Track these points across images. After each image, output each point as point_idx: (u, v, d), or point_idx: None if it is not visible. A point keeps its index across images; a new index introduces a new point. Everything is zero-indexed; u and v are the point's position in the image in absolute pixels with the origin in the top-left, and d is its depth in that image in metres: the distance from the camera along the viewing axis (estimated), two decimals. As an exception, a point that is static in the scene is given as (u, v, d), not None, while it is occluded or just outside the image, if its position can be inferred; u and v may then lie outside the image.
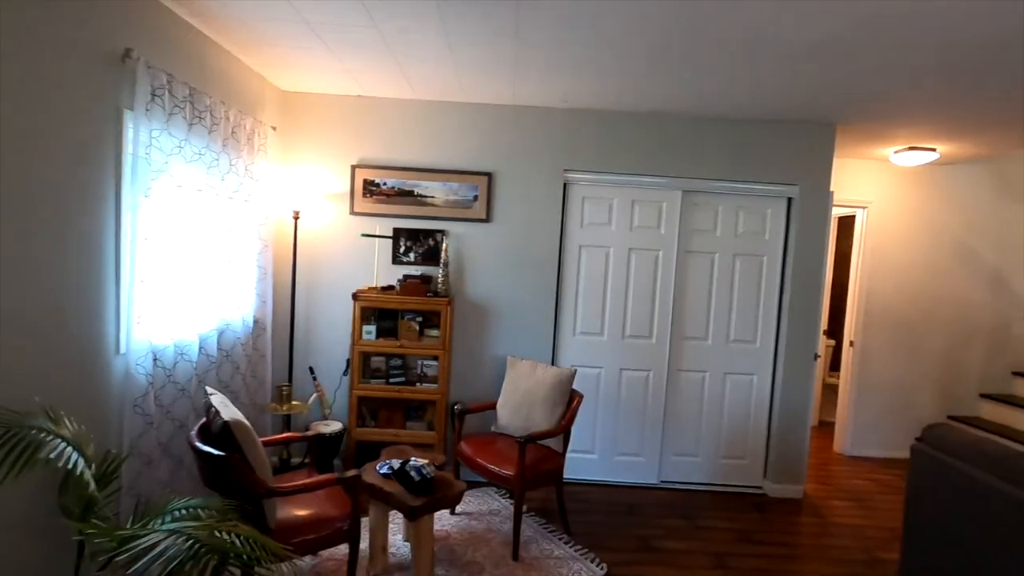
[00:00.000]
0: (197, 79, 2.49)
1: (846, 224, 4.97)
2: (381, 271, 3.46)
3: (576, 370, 3.14)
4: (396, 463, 2.44)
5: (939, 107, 2.94)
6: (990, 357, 4.39)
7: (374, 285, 3.41)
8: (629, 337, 3.56)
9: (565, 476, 3.56)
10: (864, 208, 4.37)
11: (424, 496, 2.32)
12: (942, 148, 3.78)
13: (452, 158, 3.46)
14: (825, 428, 5.01)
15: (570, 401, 3.02)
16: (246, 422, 1.98)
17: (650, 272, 3.54)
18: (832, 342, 5.32)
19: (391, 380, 3.36)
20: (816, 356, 3.61)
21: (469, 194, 3.44)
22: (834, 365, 5.28)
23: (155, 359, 2.21)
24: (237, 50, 2.77)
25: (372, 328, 3.31)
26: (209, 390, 2.16)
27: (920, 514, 2.22)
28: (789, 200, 3.55)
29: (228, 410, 2.01)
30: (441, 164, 3.45)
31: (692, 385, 3.61)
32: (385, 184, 3.43)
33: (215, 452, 1.91)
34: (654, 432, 3.59)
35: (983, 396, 4.35)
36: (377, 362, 3.38)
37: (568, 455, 3.53)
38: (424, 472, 2.36)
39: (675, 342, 3.58)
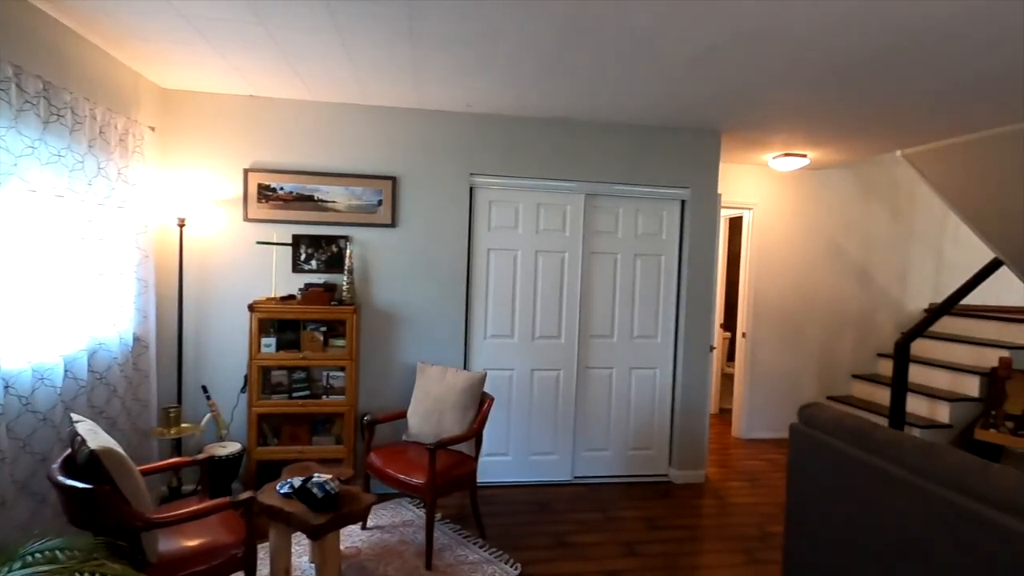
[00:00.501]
0: (54, 73, 2.24)
1: (736, 224, 5.37)
2: (280, 280, 3.29)
3: (487, 373, 3.15)
4: (297, 481, 2.32)
5: (806, 117, 3.25)
6: (859, 342, 4.91)
7: (273, 295, 3.24)
8: (539, 338, 3.63)
9: (480, 480, 3.56)
10: (750, 209, 4.74)
11: (328, 513, 2.23)
12: (812, 154, 4.18)
13: (355, 162, 3.36)
14: (725, 415, 5.37)
15: (481, 404, 3.02)
16: (118, 449, 1.80)
17: (557, 273, 3.62)
18: (728, 334, 5.72)
19: (295, 394, 3.20)
20: (711, 348, 3.86)
21: (373, 199, 3.36)
22: (731, 356, 5.68)
23: (6, 386, 1.96)
24: (104, 44, 2.53)
25: (272, 341, 3.13)
26: (75, 417, 1.94)
27: (798, 487, 2.43)
28: (683, 202, 3.78)
29: (97, 438, 1.82)
30: (343, 168, 3.35)
31: (600, 382, 3.74)
32: (282, 189, 3.27)
33: (80, 485, 1.72)
34: (566, 430, 3.68)
35: (854, 377, 4.85)
36: (278, 376, 3.21)
37: (482, 459, 3.54)
38: (328, 488, 2.27)
39: (583, 341, 3.69)
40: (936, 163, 3.73)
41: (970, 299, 4.50)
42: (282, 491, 2.34)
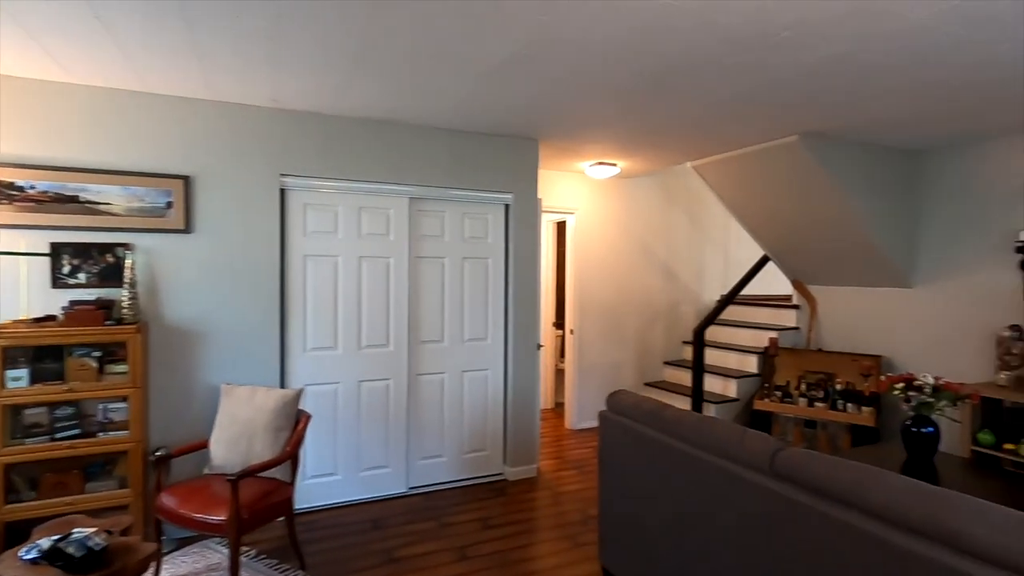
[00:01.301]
0: None
1: (563, 228, 5.71)
2: (35, 298, 2.72)
3: (303, 390, 2.92)
4: (47, 541, 1.91)
5: (611, 128, 3.54)
6: (669, 331, 5.50)
7: (24, 317, 2.66)
8: (366, 347, 3.47)
9: (305, 505, 3.29)
10: (573, 214, 5.07)
11: (91, 574, 1.86)
12: (622, 163, 4.59)
13: (135, 158, 2.90)
14: (560, 409, 5.67)
15: (296, 424, 2.78)
16: None
17: (382, 279, 3.50)
18: (560, 332, 6.05)
19: (59, 435, 2.66)
20: (539, 346, 4.02)
21: (160, 200, 2.94)
22: (564, 352, 6.02)
23: None
24: None
25: (23, 373, 2.57)
26: None
27: (607, 468, 2.61)
28: (507, 206, 3.90)
29: None
30: (119, 165, 2.87)
31: (432, 387, 3.69)
32: (34, 188, 2.71)
33: None
34: (398, 440, 3.56)
35: (666, 363, 5.43)
36: (35, 415, 2.64)
37: (306, 482, 3.28)
38: (90, 544, 1.90)
39: (413, 347, 3.62)
40: (717, 173, 4.31)
41: (751, 290, 5.29)
42: (27, 557, 1.90)
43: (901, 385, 2.91)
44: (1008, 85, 2.61)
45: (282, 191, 3.24)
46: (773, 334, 4.80)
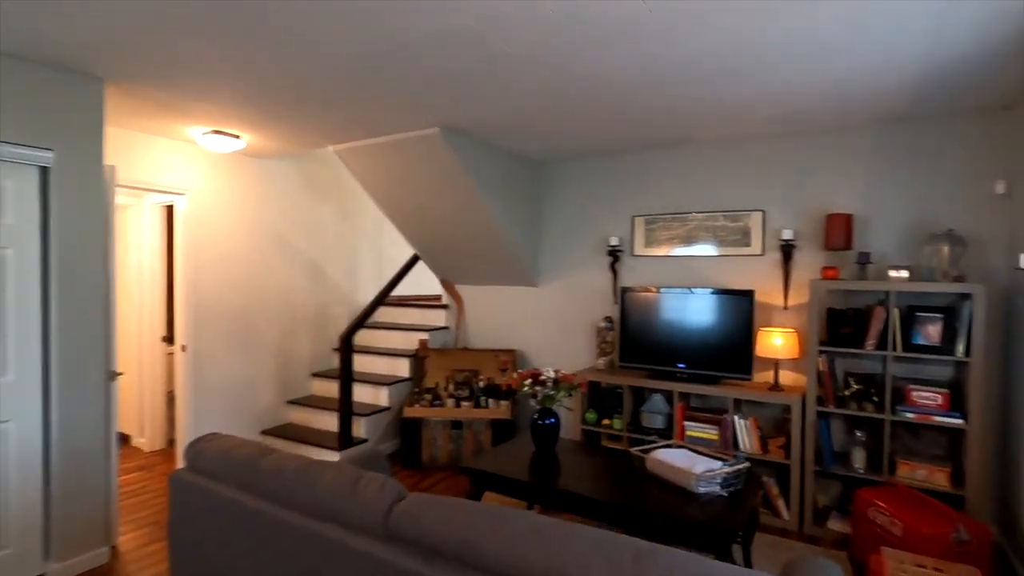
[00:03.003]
0: None
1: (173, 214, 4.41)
2: None
3: None
4: None
5: (221, 82, 2.67)
6: (317, 338, 4.84)
7: None
8: None
9: None
10: (182, 195, 3.90)
11: None
12: (248, 137, 3.70)
13: None
14: (174, 448, 4.37)
15: None
16: None
17: None
18: (172, 349, 4.71)
19: None
20: (115, 375, 2.84)
21: None
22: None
23: None
24: None
25: None
26: None
27: (180, 552, 1.81)
28: (43, 170, 2.58)
29: None
30: None
31: None
32: None
33: None
34: None
35: (314, 375, 4.75)
36: None
37: None
38: None
39: None
40: (361, 161, 3.87)
41: (404, 290, 5.06)
42: None
43: (528, 381, 2.97)
44: (615, 104, 2.89)
45: None
46: (424, 335, 4.67)
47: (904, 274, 2.89)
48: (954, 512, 2.40)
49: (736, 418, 3.29)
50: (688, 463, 2.48)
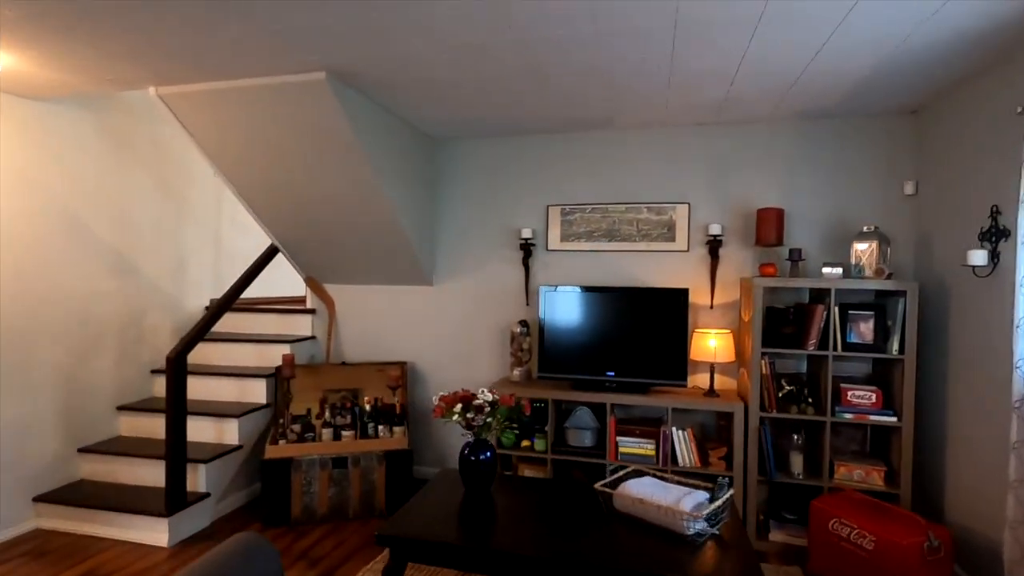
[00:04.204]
0: None
1: None
2: None
3: None
4: None
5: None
6: (126, 358, 3.54)
7: None
8: None
9: None
10: None
11: None
12: (8, 56, 2.44)
13: None
14: None
15: None
16: None
17: None
18: None
19: None
20: None
21: None
22: None
23: None
24: None
25: None
26: None
27: None
28: None
29: None
30: None
31: None
32: None
33: None
34: None
35: (121, 409, 3.46)
36: None
37: None
38: None
39: None
40: (199, 112, 2.82)
41: (255, 291, 3.99)
42: None
43: (458, 407, 2.30)
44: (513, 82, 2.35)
45: None
46: (285, 348, 3.68)
47: (839, 271, 2.82)
48: (917, 517, 2.31)
49: (674, 429, 2.98)
50: (668, 496, 2.04)
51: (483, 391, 2.33)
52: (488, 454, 2.32)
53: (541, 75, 2.52)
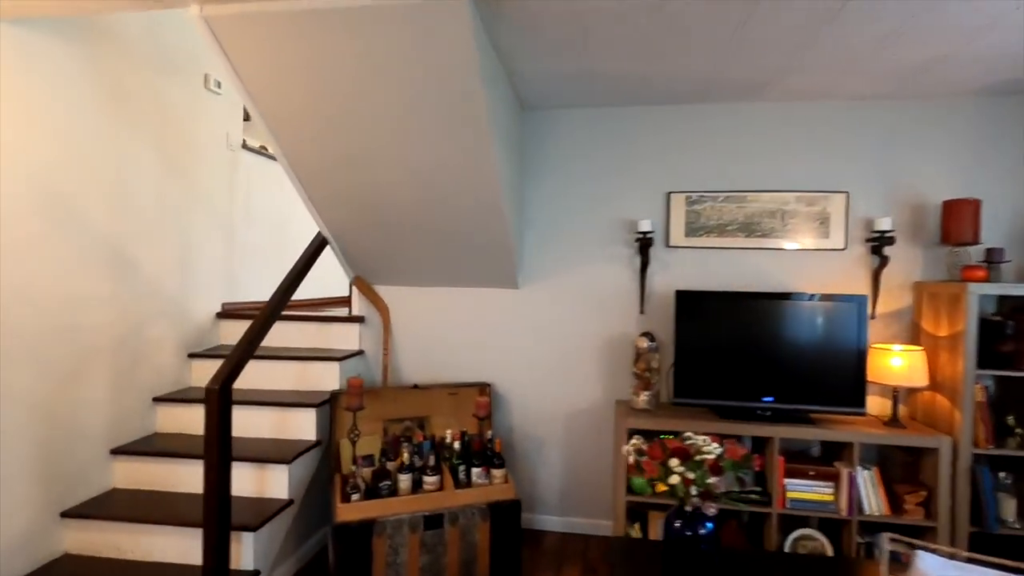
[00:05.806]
0: None
1: None
2: None
3: None
4: None
5: None
6: (121, 384, 2.64)
7: None
8: None
9: None
10: None
11: None
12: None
13: None
14: None
15: None
16: None
17: None
18: None
19: None
20: None
21: None
22: None
23: None
24: None
25: None
26: None
27: None
28: None
29: None
30: None
31: None
32: None
33: None
34: None
35: (116, 452, 2.56)
36: None
37: None
38: None
39: None
40: (253, 44, 2.01)
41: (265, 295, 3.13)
42: None
43: (675, 462, 1.63)
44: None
45: None
46: (329, 367, 2.88)
47: (1062, 275, 2.33)
48: None
49: (860, 470, 2.41)
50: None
51: (705, 440, 1.67)
52: (710, 526, 1.66)
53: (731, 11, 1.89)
